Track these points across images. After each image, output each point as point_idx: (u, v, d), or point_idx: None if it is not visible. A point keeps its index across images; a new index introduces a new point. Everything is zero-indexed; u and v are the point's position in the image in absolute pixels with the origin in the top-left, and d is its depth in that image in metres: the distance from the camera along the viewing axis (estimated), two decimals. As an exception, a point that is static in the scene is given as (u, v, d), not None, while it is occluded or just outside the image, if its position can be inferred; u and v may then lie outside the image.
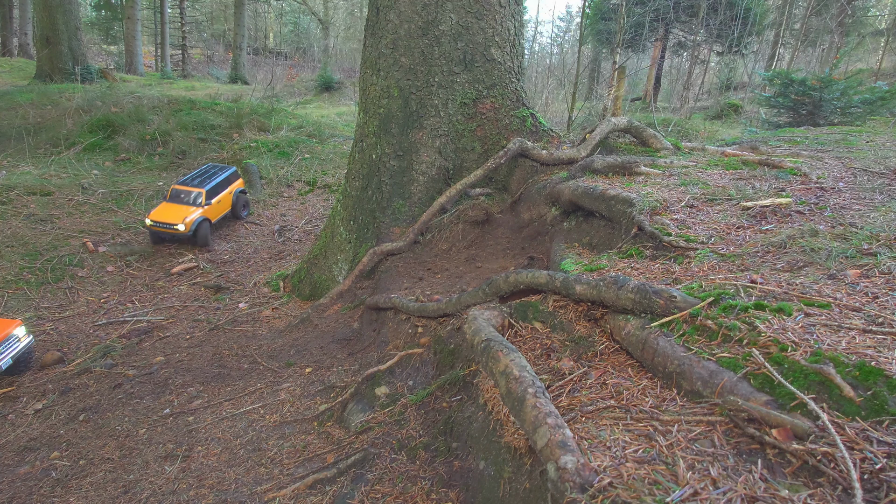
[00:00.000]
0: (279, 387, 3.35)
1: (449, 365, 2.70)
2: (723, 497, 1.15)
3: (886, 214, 2.41)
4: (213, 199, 6.47)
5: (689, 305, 1.80)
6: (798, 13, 19.93)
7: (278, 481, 2.43)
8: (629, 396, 1.65)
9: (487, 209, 4.35)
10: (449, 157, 4.49)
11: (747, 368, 1.48)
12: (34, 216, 5.79)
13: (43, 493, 2.67)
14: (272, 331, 4.41)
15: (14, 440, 3.22)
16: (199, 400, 3.36)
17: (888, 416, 1.22)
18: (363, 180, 4.58)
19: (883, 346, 1.43)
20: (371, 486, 2.19)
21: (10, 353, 3.91)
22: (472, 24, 4.27)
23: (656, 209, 2.78)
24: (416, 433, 2.42)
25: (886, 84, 9.22)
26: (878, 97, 7.92)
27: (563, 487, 1.27)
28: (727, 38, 17.81)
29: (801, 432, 1.25)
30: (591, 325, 2.19)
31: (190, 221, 6.04)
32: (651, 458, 1.33)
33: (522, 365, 1.83)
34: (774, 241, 2.24)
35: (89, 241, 5.71)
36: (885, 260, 1.91)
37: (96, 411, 3.42)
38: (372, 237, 4.49)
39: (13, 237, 5.40)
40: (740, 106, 15.77)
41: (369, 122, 4.51)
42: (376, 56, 4.39)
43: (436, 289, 3.51)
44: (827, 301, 1.69)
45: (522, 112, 4.56)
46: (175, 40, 23.43)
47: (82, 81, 11.79)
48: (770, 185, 3.06)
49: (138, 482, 2.62)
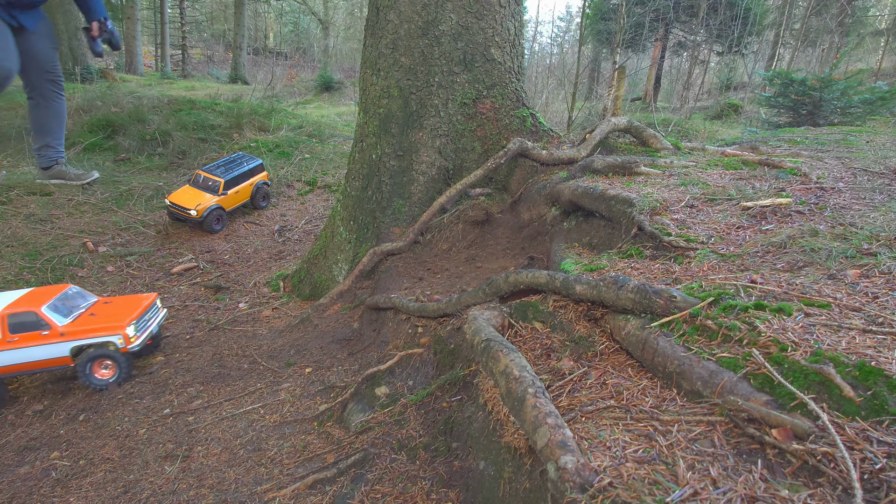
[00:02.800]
0: (279, 387, 3.35)
1: (449, 365, 2.70)
2: (723, 497, 1.15)
3: (886, 214, 2.41)
4: (231, 189, 6.68)
5: (689, 305, 1.80)
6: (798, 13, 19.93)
7: (278, 481, 2.43)
8: (629, 396, 1.65)
9: (487, 209, 4.35)
10: (449, 157, 4.49)
11: (747, 368, 1.48)
12: (34, 216, 5.79)
13: (43, 493, 2.67)
14: (272, 331, 4.41)
15: (14, 440, 3.22)
16: (199, 400, 3.36)
17: (888, 416, 1.22)
18: (363, 180, 4.58)
19: (883, 346, 1.43)
20: (371, 486, 2.19)
21: (157, 319, 4.08)
22: (472, 24, 4.27)
23: (656, 209, 2.78)
24: (416, 433, 2.42)
25: (886, 84, 9.22)
26: (878, 97, 7.92)
27: (563, 487, 1.27)
28: (727, 38, 17.81)
29: (801, 432, 1.25)
30: (591, 325, 2.19)
31: (202, 208, 6.28)
32: (651, 458, 1.33)
33: (522, 365, 1.83)
34: (774, 241, 2.24)
35: (89, 241, 5.71)
36: (885, 260, 1.91)
37: (96, 411, 3.42)
38: (372, 237, 4.48)
39: (13, 237, 5.40)
40: (740, 106, 15.77)
41: (369, 122, 4.51)
42: (376, 56, 4.39)
43: (436, 289, 3.51)
44: (827, 301, 1.69)
45: (522, 112, 4.56)
46: (175, 40, 23.44)
47: (82, 81, 11.79)
48: (770, 185, 3.06)
49: (138, 482, 2.62)
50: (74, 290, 4.02)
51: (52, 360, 3.67)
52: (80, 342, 3.65)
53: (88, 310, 3.90)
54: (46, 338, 3.62)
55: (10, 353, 3.58)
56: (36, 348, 3.61)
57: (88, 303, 3.99)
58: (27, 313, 3.60)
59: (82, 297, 4.03)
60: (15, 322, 3.58)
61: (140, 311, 3.85)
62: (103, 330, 3.66)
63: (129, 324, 3.68)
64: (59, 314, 3.71)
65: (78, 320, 3.74)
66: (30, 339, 3.60)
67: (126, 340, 3.66)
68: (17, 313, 3.58)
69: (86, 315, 3.81)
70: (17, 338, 3.58)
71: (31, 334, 3.60)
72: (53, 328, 3.62)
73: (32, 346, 3.60)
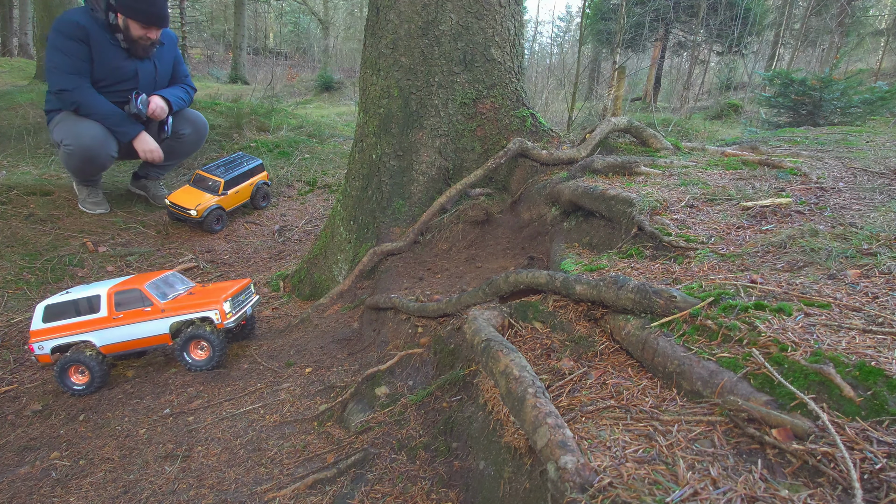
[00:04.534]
0: (279, 387, 3.35)
1: (449, 365, 2.70)
2: (723, 497, 1.15)
3: (886, 214, 2.41)
4: (231, 189, 6.66)
5: (689, 305, 1.80)
6: (798, 13, 19.93)
7: (278, 481, 2.43)
8: (629, 396, 1.65)
9: (487, 209, 4.35)
10: (449, 157, 4.49)
11: (747, 368, 1.48)
12: (34, 216, 5.79)
13: (43, 493, 2.67)
14: (272, 331, 4.41)
15: (14, 440, 3.22)
16: (198, 400, 3.36)
17: (888, 416, 1.22)
18: (363, 180, 4.58)
19: (883, 346, 1.43)
20: (371, 486, 2.19)
21: (251, 301, 4.10)
22: (472, 24, 4.27)
23: (656, 209, 2.78)
24: (416, 433, 2.42)
25: (886, 84, 9.22)
26: (878, 97, 7.93)
27: (563, 487, 1.27)
28: (727, 38, 17.81)
29: (801, 432, 1.25)
30: (591, 325, 2.19)
31: (202, 208, 6.27)
32: (651, 458, 1.33)
33: (522, 365, 1.83)
34: (774, 241, 2.24)
35: (89, 241, 5.71)
36: (885, 260, 1.91)
37: (96, 411, 3.42)
38: (372, 237, 4.48)
39: (13, 237, 5.40)
40: (740, 106, 15.78)
41: (369, 122, 4.51)
42: (376, 56, 4.39)
43: (436, 289, 3.51)
44: (827, 301, 1.69)
45: (522, 112, 4.56)
46: (175, 40, 23.38)
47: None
48: (770, 185, 3.06)
49: (138, 482, 2.62)
50: (175, 275, 4.11)
51: (152, 338, 3.75)
52: (179, 318, 3.71)
53: (187, 291, 3.98)
54: (148, 314, 3.68)
55: (115, 331, 3.67)
56: (139, 325, 3.69)
57: (187, 286, 4.08)
58: (131, 290, 3.68)
59: (181, 282, 4.11)
60: (120, 299, 3.67)
61: (235, 291, 3.89)
62: (200, 306, 3.71)
63: (224, 300, 3.72)
64: (160, 293, 3.78)
65: (177, 299, 3.81)
66: (133, 316, 3.68)
67: (222, 316, 3.69)
68: (122, 291, 3.67)
69: (184, 295, 3.89)
70: (122, 315, 3.66)
71: (135, 311, 3.67)
72: (155, 305, 3.68)
73: (136, 322, 3.68)
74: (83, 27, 4.99)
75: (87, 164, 5.47)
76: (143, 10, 5.10)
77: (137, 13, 5.09)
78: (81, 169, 5.57)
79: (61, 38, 4.97)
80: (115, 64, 5.25)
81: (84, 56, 5.04)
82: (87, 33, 5.00)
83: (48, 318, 3.67)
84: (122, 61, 5.31)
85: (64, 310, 3.67)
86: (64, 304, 3.66)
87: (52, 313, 3.67)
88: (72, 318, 3.66)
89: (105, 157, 5.47)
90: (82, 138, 5.23)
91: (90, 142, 5.26)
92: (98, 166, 5.59)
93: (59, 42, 4.98)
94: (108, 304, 3.66)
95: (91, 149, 5.28)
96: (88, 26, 5.01)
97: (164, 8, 5.30)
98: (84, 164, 5.44)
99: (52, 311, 3.67)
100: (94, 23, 5.07)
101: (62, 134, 5.31)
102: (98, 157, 5.39)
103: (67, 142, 5.26)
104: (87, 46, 5.03)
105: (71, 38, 4.96)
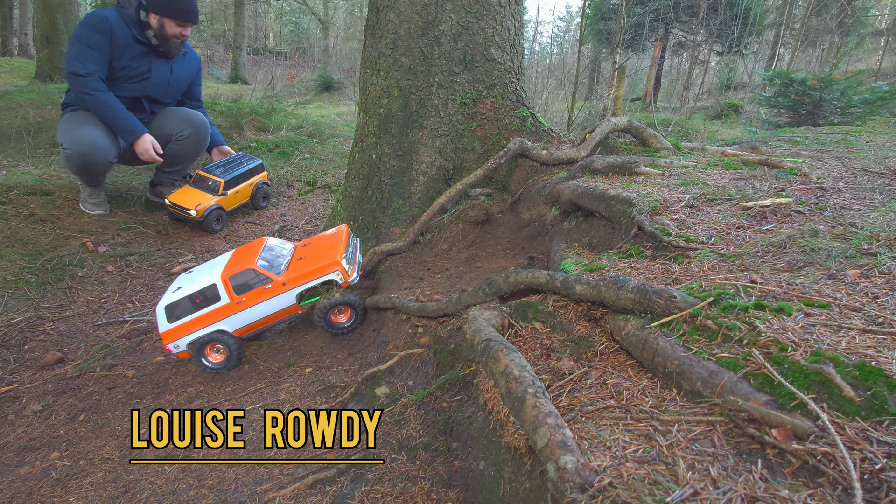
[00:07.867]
0: (279, 387, 3.35)
1: (449, 365, 2.70)
2: (723, 497, 1.15)
3: (886, 214, 2.41)
4: (231, 189, 6.64)
5: (689, 305, 1.80)
6: (798, 13, 19.94)
7: (278, 481, 2.43)
8: (629, 396, 1.65)
9: (487, 209, 4.35)
10: (449, 157, 4.49)
11: (747, 368, 1.48)
12: (34, 216, 5.79)
13: (43, 493, 2.67)
14: (272, 330, 4.40)
15: (14, 440, 3.22)
16: (198, 400, 3.36)
17: (888, 416, 1.22)
18: (363, 180, 4.58)
19: (883, 346, 1.43)
20: (371, 486, 2.19)
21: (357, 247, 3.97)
22: (472, 24, 4.27)
23: (656, 209, 2.78)
24: (416, 433, 2.42)
25: (886, 84, 9.23)
26: (878, 97, 7.93)
27: (563, 487, 1.27)
28: (727, 38, 17.82)
29: (801, 432, 1.25)
30: (591, 325, 2.19)
31: (202, 209, 6.26)
32: (651, 458, 1.33)
33: (522, 365, 1.83)
34: (774, 241, 2.24)
35: (89, 241, 5.71)
36: (885, 260, 1.91)
37: (96, 411, 3.42)
38: (372, 237, 4.48)
39: (13, 237, 5.40)
40: (740, 106, 15.78)
41: (369, 122, 4.51)
42: (376, 56, 4.39)
43: (436, 289, 3.51)
44: (827, 301, 1.68)
45: (522, 112, 4.56)
46: (175, 40, 23.38)
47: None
48: (770, 185, 3.06)
49: (138, 482, 2.62)
50: (271, 240, 3.95)
51: (282, 312, 3.67)
52: (303, 287, 3.60)
53: (294, 256, 3.83)
54: (270, 292, 3.56)
55: (243, 315, 3.57)
56: (265, 304, 3.58)
57: (290, 249, 3.94)
58: (246, 272, 3.53)
59: (282, 246, 3.96)
60: (237, 283, 3.53)
61: (344, 244, 3.74)
62: (321, 271, 3.58)
63: (340, 258, 3.58)
64: (273, 267, 3.65)
65: (291, 268, 3.67)
66: (257, 297, 3.55)
67: (344, 274, 3.58)
68: (236, 274, 3.52)
69: (295, 261, 3.74)
70: (245, 297, 3.54)
71: (256, 291, 3.55)
72: (275, 280, 3.55)
73: (261, 302, 3.57)
74: (108, 20, 5.14)
75: (85, 168, 5.54)
76: (179, 7, 5.27)
77: (174, 11, 5.26)
78: (79, 172, 5.64)
79: (86, 29, 5.13)
80: (131, 58, 5.36)
81: (104, 49, 5.16)
82: (111, 27, 5.14)
83: (172, 318, 3.53)
84: (139, 57, 5.42)
85: (183, 306, 3.52)
86: (181, 301, 3.52)
87: (173, 312, 3.53)
88: (194, 312, 3.52)
89: (102, 162, 5.52)
90: (80, 143, 5.30)
91: (87, 148, 5.33)
92: (96, 171, 5.66)
93: (83, 33, 5.13)
94: (228, 291, 3.52)
95: (86, 155, 5.36)
96: (114, 21, 5.17)
97: (197, 4, 5.51)
98: (81, 168, 5.51)
99: (172, 311, 3.53)
100: (120, 18, 5.21)
101: (62, 136, 5.42)
102: (95, 162, 5.46)
103: (66, 145, 5.35)
104: (109, 40, 5.16)
105: (94, 30, 5.11)
